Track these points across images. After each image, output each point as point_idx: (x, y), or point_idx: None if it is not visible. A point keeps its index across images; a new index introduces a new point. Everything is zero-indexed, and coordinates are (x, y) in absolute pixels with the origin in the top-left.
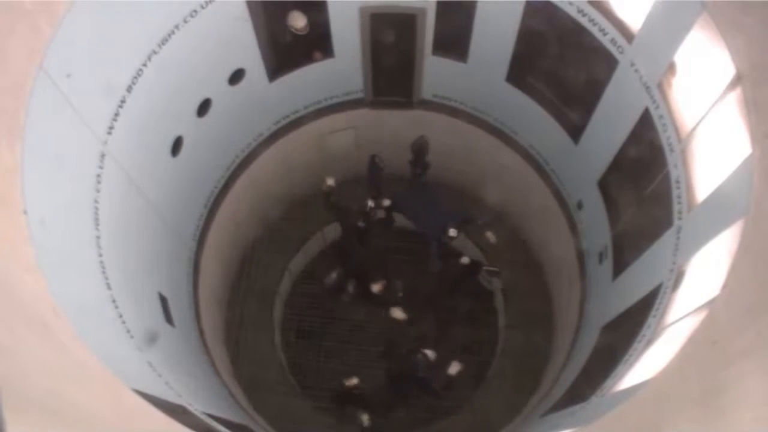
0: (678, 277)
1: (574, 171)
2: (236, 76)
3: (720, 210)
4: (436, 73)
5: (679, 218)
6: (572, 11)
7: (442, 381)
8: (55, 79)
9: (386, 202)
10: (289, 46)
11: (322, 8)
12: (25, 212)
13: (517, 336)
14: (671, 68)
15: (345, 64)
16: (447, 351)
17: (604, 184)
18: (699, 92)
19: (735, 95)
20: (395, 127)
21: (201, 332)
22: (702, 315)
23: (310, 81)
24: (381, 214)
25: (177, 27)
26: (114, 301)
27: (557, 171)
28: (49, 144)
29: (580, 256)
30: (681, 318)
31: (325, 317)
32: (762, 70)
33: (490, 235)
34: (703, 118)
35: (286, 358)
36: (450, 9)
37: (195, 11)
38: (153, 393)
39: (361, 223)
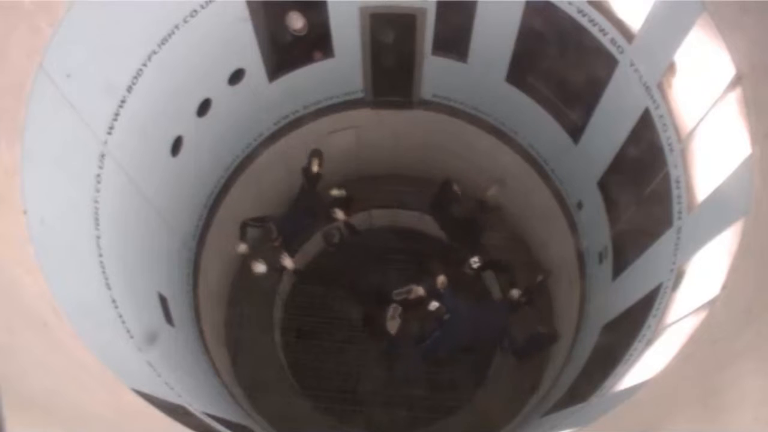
0: (678, 277)
1: (574, 171)
2: (236, 76)
3: (720, 210)
4: (436, 73)
5: (679, 218)
6: (572, 11)
7: None
8: (55, 79)
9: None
10: (289, 46)
11: (321, 8)
12: (25, 212)
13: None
14: (671, 68)
15: (345, 64)
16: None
17: (604, 184)
18: (699, 92)
19: (735, 95)
20: (395, 127)
21: (201, 332)
22: (702, 315)
23: (310, 81)
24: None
25: (177, 27)
26: (114, 301)
27: (557, 171)
28: (49, 144)
29: (580, 256)
30: (681, 318)
31: (325, 317)
32: (762, 70)
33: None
34: (703, 118)
35: (286, 358)
36: (450, 9)
37: (195, 11)
38: (153, 393)
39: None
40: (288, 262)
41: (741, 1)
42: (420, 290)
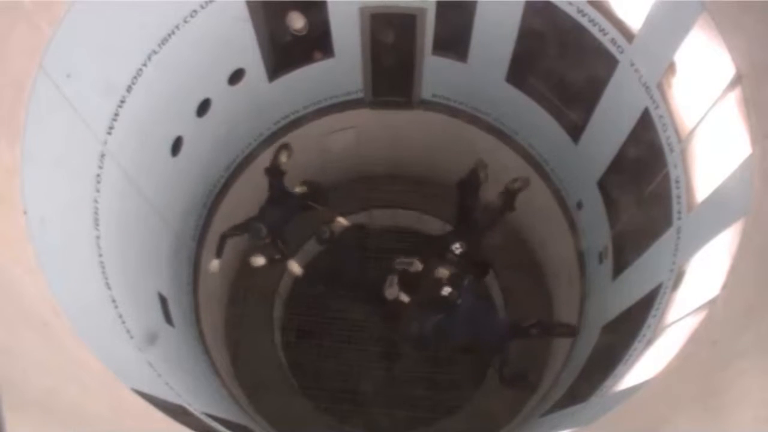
0: (678, 277)
1: (574, 171)
2: (236, 76)
3: (720, 210)
4: (436, 73)
5: (679, 218)
6: (572, 11)
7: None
8: (55, 79)
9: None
10: (289, 46)
11: (321, 8)
12: (25, 212)
13: None
14: (671, 68)
15: (345, 64)
16: (447, 351)
17: (604, 184)
18: (699, 92)
19: (735, 95)
20: (395, 127)
21: (201, 332)
22: (702, 315)
23: (310, 81)
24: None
25: (177, 27)
26: (114, 301)
27: (557, 171)
28: (49, 144)
29: (580, 256)
30: (681, 318)
31: (325, 317)
32: (762, 70)
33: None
34: (703, 118)
35: (286, 358)
36: (450, 9)
37: (195, 11)
38: (153, 393)
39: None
40: (295, 268)
41: (741, 1)
42: (420, 266)
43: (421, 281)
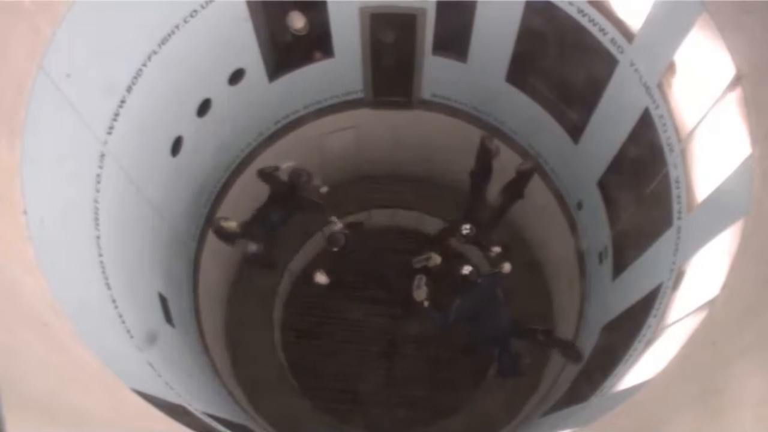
0: (678, 277)
1: (574, 171)
2: (236, 76)
3: (720, 210)
4: (436, 73)
5: (679, 218)
6: (572, 11)
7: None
8: (55, 79)
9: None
10: (289, 46)
11: (321, 8)
12: (25, 212)
13: None
14: (671, 68)
15: (345, 64)
16: (448, 350)
17: (604, 184)
18: (699, 92)
19: (735, 95)
20: (395, 127)
21: (201, 332)
22: (702, 315)
23: (310, 81)
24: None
25: (177, 27)
26: (114, 301)
27: (557, 171)
28: (49, 144)
29: (580, 256)
30: (681, 318)
31: (325, 317)
32: (762, 70)
33: None
34: (703, 118)
35: (286, 358)
36: (450, 9)
37: (195, 11)
38: (153, 393)
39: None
40: (322, 278)
41: (741, 1)
42: (438, 259)
43: (448, 276)
